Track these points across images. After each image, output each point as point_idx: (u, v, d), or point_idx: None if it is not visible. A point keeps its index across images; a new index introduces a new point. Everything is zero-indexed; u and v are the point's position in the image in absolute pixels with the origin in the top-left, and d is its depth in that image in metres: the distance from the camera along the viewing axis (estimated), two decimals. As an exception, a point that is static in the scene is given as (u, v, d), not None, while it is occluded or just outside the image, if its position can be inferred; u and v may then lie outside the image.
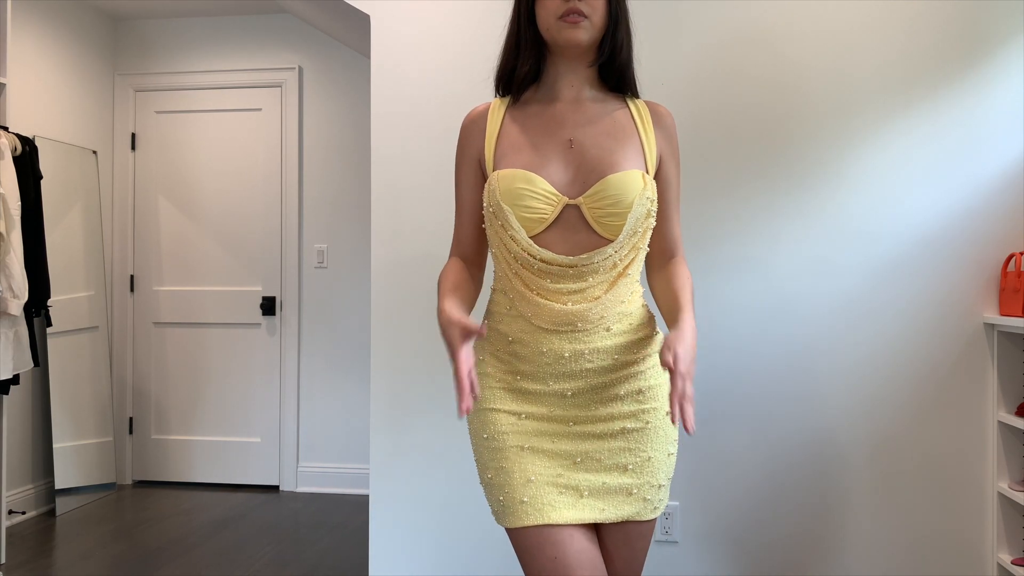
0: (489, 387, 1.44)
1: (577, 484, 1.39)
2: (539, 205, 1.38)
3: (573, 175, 1.41)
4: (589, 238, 1.39)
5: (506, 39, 1.51)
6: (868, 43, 2.40)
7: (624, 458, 1.41)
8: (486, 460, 1.43)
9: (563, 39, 1.41)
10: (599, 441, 1.41)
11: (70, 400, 3.93)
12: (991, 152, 2.36)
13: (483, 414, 1.44)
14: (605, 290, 1.41)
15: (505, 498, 1.39)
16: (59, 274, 3.75)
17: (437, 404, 2.50)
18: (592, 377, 1.41)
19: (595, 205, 1.38)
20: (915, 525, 2.39)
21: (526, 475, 1.38)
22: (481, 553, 2.48)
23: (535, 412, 1.42)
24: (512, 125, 1.47)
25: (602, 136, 1.44)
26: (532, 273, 1.40)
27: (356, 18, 2.69)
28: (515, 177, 1.39)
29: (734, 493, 2.45)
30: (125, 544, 3.43)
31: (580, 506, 1.38)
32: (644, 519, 1.43)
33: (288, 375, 4.33)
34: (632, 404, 1.42)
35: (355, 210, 4.25)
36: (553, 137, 1.44)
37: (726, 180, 2.43)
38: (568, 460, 1.40)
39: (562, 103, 1.47)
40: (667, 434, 1.45)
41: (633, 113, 1.48)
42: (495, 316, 1.47)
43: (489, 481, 1.43)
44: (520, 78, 1.47)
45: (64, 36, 4.09)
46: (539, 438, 1.40)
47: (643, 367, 1.44)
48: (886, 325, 2.39)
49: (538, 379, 1.41)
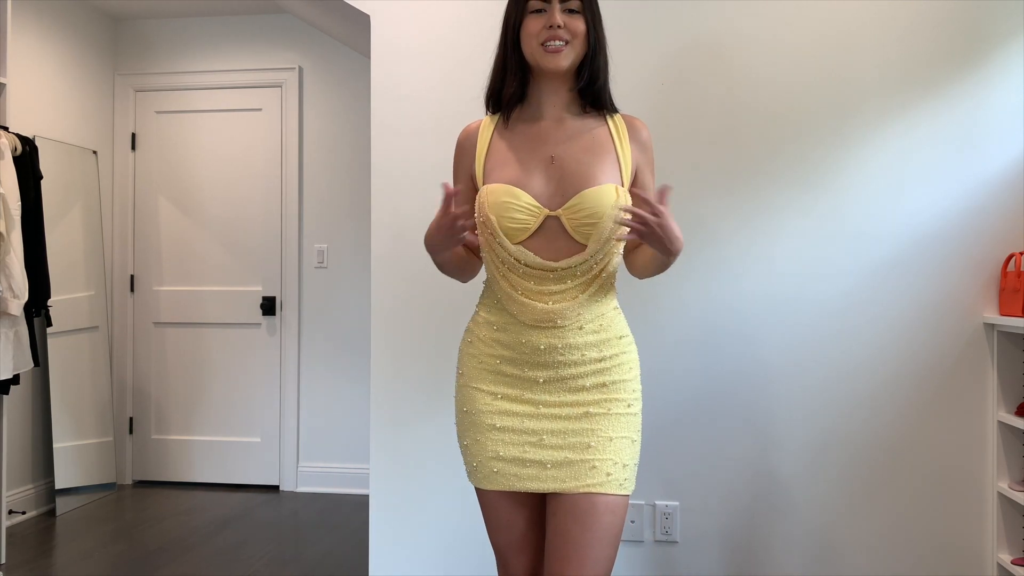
0: (474, 366, 1.63)
1: (542, 459, 1.55)
2: (522, 216, 1.53)
3: (554, 189, 1.56)
4: (568, 245, 1.54)
5: (494, 62, 1.66)
6: (868, 43, 2.40)
7: (587, 437, 1.55)
8: (464, 429, 1.64)
9: (546, 64, 1.56)
10: (564, 422, 1.56)
11: (70, 400, 3.93)
12: (991, 152, 2.36)
13: (466, 390, 1.64)
14: (583, 291, 1.56)
15: (479, 464, 1.60)
16: (59, 274, 3.75)
17: (437, 404, 2.50)
18: (562, 368, 1.56)
19: (573, 216, 1.53)
20: (915, 525, 2.39)
21: (496, 450, 1.58)
22: (481, 553, 2.48)
23: (510, 393, 1.59)
24: (500, 142, 1.63)
25: (581, 152, 1.59)
26: (517, 276, 1.57)
27: (356, 18, 2.69)
28: (501, 191, 1.55)
29: (734, 493, 2.45)
30: (125, 544, 3.43)
31: (543, 477, 1.55)
32: (608, 492, 1.51)
33: (288, 375, 4.33)
34: (596, 394, 1.57)
35: (355, 210, 4.25)
36: (536, 153, 1.59)
37: (726, 180, 2.43)
38: (535, 437, 1.56)
39: (546, 122, 1.63)
40: (629, 423, 1.58)
41: (611, 129, 1.63)
42: (485, 307, 1.65)
43: (466, 447, 1.64)
44: (507, 98, 1.62)
45: (64, 36, 4.09)
46: (510, 418, 1.58)
47: (609, 364, 1.58)
48: (886, 325, 2.39)
49: (516, 364, 1.59)
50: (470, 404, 1.62)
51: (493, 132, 1.64)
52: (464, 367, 1.66)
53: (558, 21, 1.53)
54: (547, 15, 1.55)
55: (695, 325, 2.46)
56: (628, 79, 2.16)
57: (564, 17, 1.55)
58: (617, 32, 1.90)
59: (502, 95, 1.63)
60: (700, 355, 2.46)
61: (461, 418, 1.65)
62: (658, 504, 2.47)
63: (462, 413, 1.65)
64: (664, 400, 2.42)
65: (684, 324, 2.46)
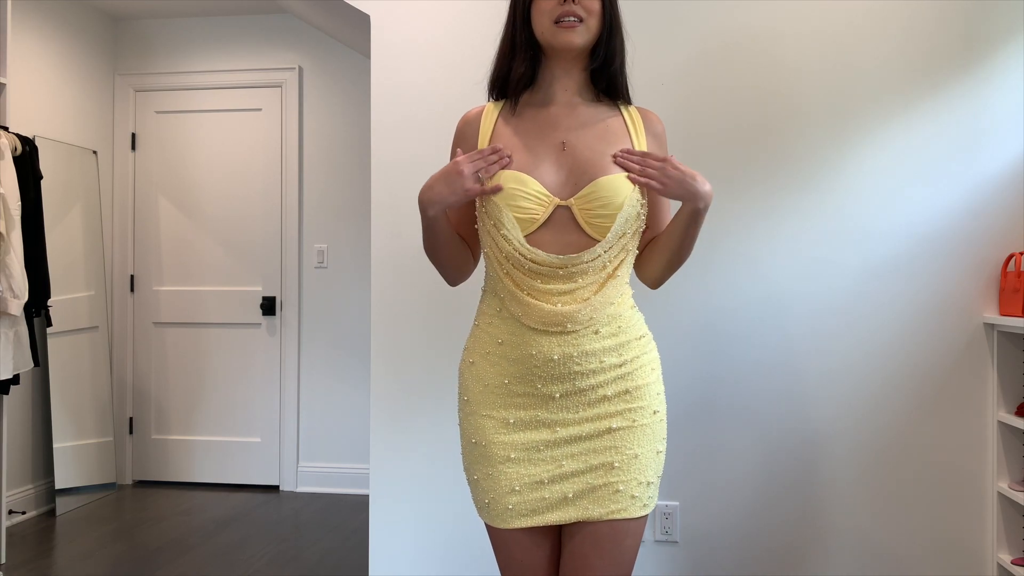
0: (479, 391, 1.47)
1: (563, 489, 1.41)
2: (530, 205, 1.41)
3: (565, 177, 1.44)
4: (580, 239, 1.42)
5: (501, 43, 1.53)
6: (867, 43, 2.40)
7: (610, 456, 1.41)
8: (474, 463, 1.47)
9: (558, 42, 1.43)
10: (585, 442, 1.42)
11: (70, 400, 3.93)
12: (991, 152, 2.36)
13: (473, 419, 1.47)
14: (594, 291, 1.42)
15: (491, 501, 1.44)
16: (59, 274, 3.75)
17: (437, 404, 2.50)
18: (580, 380, 1.42)
19: (586, 206, 1.41)
20: (915, 525, 2.39)
21: (511, 484, 1.42)
22: (481, 553, 2.48)
23: (523, 417, 1.43)
24: (505, 128, 1.50)
25: (594, 139, 1.47)
26: (523, 273, 1.42)
27: (356, 18, 2.69)
28: (507, 178, 1.41)
29: (734, 493, 2.45)
30: (125, 544, 3.43)
31: (564, 508, 1.41)
32: (633, 516, 1.41)
33: (288, 375, 4.33)
34: (619, 404, 1.43)
35: (355, 210, 4.25)
36: (546, 139, 1.46)
37: (726, 180, 2.43)
38: (554, 465, 1.42)
39: (556, 106, 1.50)
40: (655, 432, 1.46)
41: (626, 119, 1.52)
42: (485, 317, 1.50)
43: (476, 482, 1.47)
44: (515, 81, 1.49)
45: (64, 36, 4.09)
46: (525, 449, 1.43)
47: (631, 368, 1.45)
48: (886, 325, 2.39)
49: (527, 381, 1.43)
50: (479, 435, 1.45)
51: (498, 117, 1.51)
52: (468, 392, 1.49)
53: None
54: None
55: (695, 324, 2.46)
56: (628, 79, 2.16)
57: None
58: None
59: (509, 78, 1.49)
60: (700, 355, 2.46)
61: (469, 450, 1.48)
62: (658, 504, 2.47)
63: (470, 444, 1.48)
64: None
65: (684, 324, 2.46)
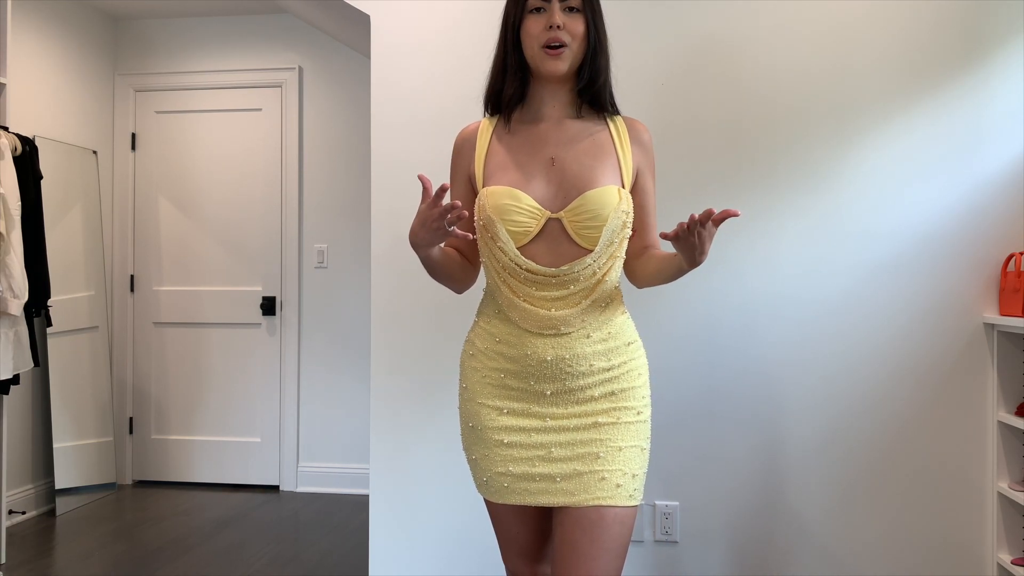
0: (477, 380, 1.59)
1: (551, 472, 1.52)
2: (524, 219, 1.51)
3: (555, 191, 1.54)
4: (571, 249, 1.52)
5: (493, 63, 1.64)
6: (868, 42, 2.40)
7: (596, 447, 1.52)
8: (471, 444, 1.62)
9: (545, 69, 1.55)
10: (573, 433, 1.53)
11: (70, 400, 3.93)
12: (991, 152, 2.36)
13: (471, 405, 1.60)
14: (586, 296, 1.53)
15: (488, 479, 1.58)
16: (59, 274, 3.75)
17: (437, 404, 2.50)
18: (570, 380, 1.53)
19: (575, 219, 1.51)
20: (915, 525, 2.39)
21: (506, 466, 1.55)
22: (481, 553, 2.48)
23: (516, 408, 1.56)
24: (499, 144, 1.61)
25: (582, 154, 1.56)
26: (519, 281, 1.54)
27: (356, 18, 2.69)
28: (502, 193, 1.52)
29: (734, 493, 2.45)
30: (125, 544, 3.43)
31: (553, 491, 1.52)
32: (618, 504, 1.49)
33: (288, 375, 4.33)
34: (605, 403, 1.54)
35: (355, 210, 4.25)
36: (537, 155, 1.57)
37: (725, 179, 2.43)
38: (544, 451, 1.53)
39: (546, 123, 1.60)
40: (639, 431, 1.55)
41: (612, 131, 1.61)
42: (485, 316, 1.62)
43: (474, 462, 1.61)
44: (506, 100, 1.60)
45: (64, 36, 4.09)
46: (518, 433, 1.55)
47: (618, 372, 1.55)
48: (886, 325, 2.39)
49: (521, 377, 1.55)
50: (476, 420, 1.59)
51: (492, 134, 1.62)
52: (467, 381, 1.62)
53: (558, 21, 1.51)
54: (547, 15, 1.52)
55: (694, 324, 2.46)
56: (628, 79, 2.16)
57: (564, 17, 1.52)
58: (617, 32, 1.90)
59: (502, 96, 1.60)
60: (700, 355, 2.46)
61: (467, 433, 1.62)
62: (658, 504, 2.47)
63: (468, 428, 1.62)
64: (664, 400, 2.42)
65: (683, 323, 2.46)
